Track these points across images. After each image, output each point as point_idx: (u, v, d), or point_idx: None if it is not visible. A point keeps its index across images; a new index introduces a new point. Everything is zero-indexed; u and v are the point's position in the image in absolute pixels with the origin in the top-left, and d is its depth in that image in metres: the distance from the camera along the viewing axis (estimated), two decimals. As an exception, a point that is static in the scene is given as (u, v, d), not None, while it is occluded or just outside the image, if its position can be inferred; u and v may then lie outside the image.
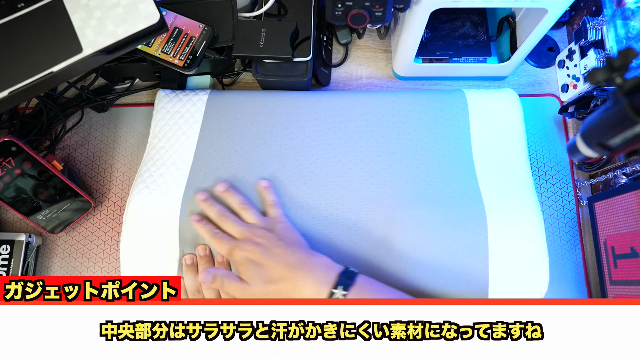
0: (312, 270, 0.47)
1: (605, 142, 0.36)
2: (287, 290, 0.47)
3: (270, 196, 0.53)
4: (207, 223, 0.52)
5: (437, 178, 0.55)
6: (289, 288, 0.47)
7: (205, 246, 0.53)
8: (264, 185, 0.54)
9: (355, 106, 0.60)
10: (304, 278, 0.47)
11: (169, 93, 0.63)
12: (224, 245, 0.50)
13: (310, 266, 0.48)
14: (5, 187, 0.57)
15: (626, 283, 0.53)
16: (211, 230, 0.52)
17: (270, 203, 0.53)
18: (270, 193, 0.54)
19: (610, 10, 0.58)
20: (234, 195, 0.54)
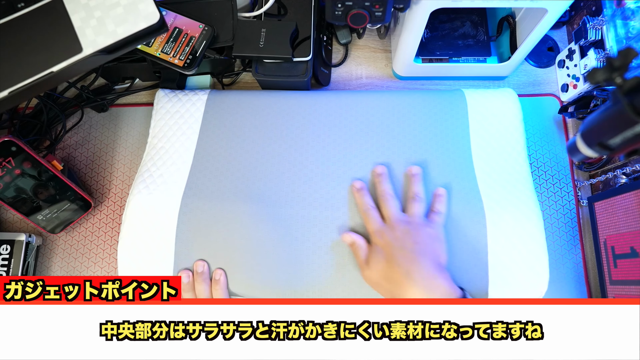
0: (430, 288, 0.46)
1: (606, 141, 0.36)
2: (395, 295, 0.48)
3: (440, 205, 0.52)
4: (366, 194, 0.53)
5: (437, 178, 0.55)
6: (398, 294, 0.47)
7: (204, 263, 0.53)
8: (439, 192, 0.53)
9: (355, 106, 0.60)
10: (419, 295, 0.46)
11: (169, 93, 0.63)
12: (371, 224, 0.51)
13: (430, 283, 0.47)
14: (5, 187, 0.57)
15: (626, 283, 0.53)
16: (366, 204, 0.52)
17: (437, 210, 0.52)
18: (441, 202, 0.53)
19: (610, 10, 0.58)
20: (414, 184, 0.53)
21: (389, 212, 0.51)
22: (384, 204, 0.52)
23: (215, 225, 0.54)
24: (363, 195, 0.53)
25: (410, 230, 0.50)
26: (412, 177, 0.54)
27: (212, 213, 0.54)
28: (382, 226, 0.51)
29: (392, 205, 0.52)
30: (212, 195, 0.55)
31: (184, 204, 0.54)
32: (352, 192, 0.54)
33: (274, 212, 0.54)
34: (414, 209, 0.52)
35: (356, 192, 0.54)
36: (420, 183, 0.54)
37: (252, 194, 0.55)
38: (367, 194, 0.53)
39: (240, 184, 0.56)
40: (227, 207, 0.54)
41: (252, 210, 0.54)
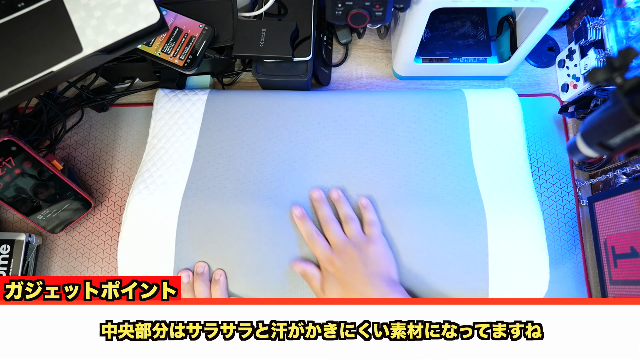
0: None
1: (606, 141, 0.36)
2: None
3: (368, 215, 0.53)
4: (307, 221, 0.53)
5: (437, 178, 0.55)
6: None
7: (205, 264, 0.53)
8: (363, 203, 0.54)
9: (355, 106, 0.60)
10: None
11: (168, 93, 0.62)
12: (318, 251, 0.52)
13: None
14: (5, 186, 0.57)
15: (626, 283, 0.53)
16: (310, 231, 0.53)
17: (367, 221, 0.53)
18: (369, 211, 0.54)
19: (610, 10, 0.58)
20: (344, 205, 0.54)
21: (334, 237, 0.52)
22: (326, 228, 0.53)
23: (216, 226, 0.54)
24: (305, 222, 0.53)
25: (356, 253, 0.51)
26: (336, 202, 0.55)
27: (213, 213, 0.54)
28: (330, 253, 0.52)
29: (335, 229, 0.53)
30: (213, 196, 0.55)
31: (184, 204, 0.54)
32: (294, 219, 0.54)
33: (274, 211, 0.54)
34: (351, 230, 0.53)
35: (298, 219, 0.54)
36: (346, 203, 0.55)
37: (253, 194, 0.55)
38: (308, 220, 0.54)
39: (240, 184, 0.56)
40: (227, 207, 0.54)
41: (252, 211, 0.54)
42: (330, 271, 0.51)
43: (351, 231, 0.53)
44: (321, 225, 0.54)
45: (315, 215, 0.55)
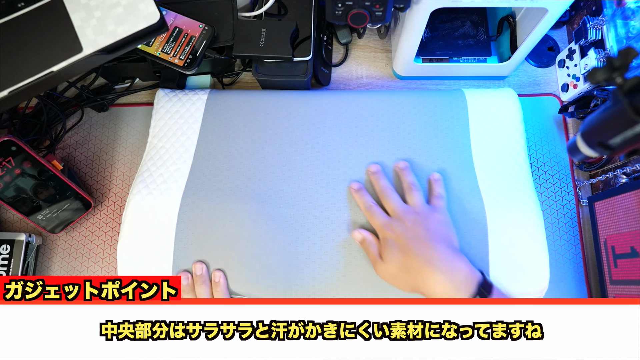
0: (451, 272, 0.46)
1: (606, 141, 0.36)
2: (417, 284, 0.48)
3: (438, 188, 0.53)
4: (365, 194, 0.53)
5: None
6: (420, 282, 0.47)
7: (202, 265, 0.53)
8: (436, 177, 0.54)
9: (355, 106, 0.60)
10: (442, 279, 0.46)
11: (169, 92, 0.63)
12: (376, 220, 0.51)
13: (450, 267, 0.47)
14: (5, 186, 0.57)
15: (626, 283, 0.53)
16: (367, 202, 0.52)
17: (436, 194, 0.53)
18: (440, 186, 0.54)
19: (610, 10, 0.58)
20: (409, 175, 0.54)
21: (393, 206, 0.51)
22: (385, 199, 0.52)
23: (215, 225, 0.54)
24: (363, 195, 0.53)
25: (419, 219, 0.50)
26: (401, 171, 0.55)
27: (212, 212, 0.54)
28: (389, 220, 0.51)
29: (394, 198, 0.52)
30: (212, 195, 0.55)
31: (184, 203, 0.54)
32: (351, 194, 0.54)
33: (274, 211, 0.54)
34: (414, 199, 0.52)
35: (355, 192, 0.54)
36: (412, 173, 0.54)
37: (253, 193, 0.55)
38: (366, 193, 0.54)
39: (240, 184, 0.56)
40: (227, 207, 0.54)
41: (252, 210, 0.54)
42: (390, 237, 0.49)
43: (415, 199, 0.52)
44: (379, 196, 0.53)
45: (373, 188, 0.54)
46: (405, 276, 0.48)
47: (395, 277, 0.49)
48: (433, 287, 0.46)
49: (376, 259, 0.50)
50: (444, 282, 0.46)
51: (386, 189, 0.53)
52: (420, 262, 0.47)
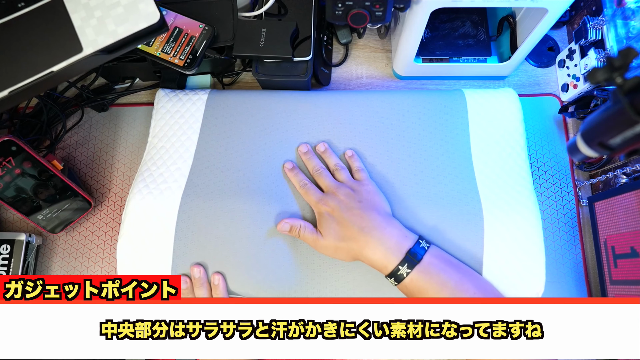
0: (382, 238, 0.49)
1: (606, 141, 0.36)
2: (355, 252, 0.50)
3: (355, 163, 0.56)
4: (299, 172, 0.56)
5: (436, 178, 0.55)
6: (357, 250, 0.50)
7: (200, 268, 0.53)
8: (349, 154, 0.57)
9: (355, 106, 0.60)
10: (374, 245, 0.49)
11: (169, 92, 0.63)
12: (311, 196, 0.54)
13: (382, 234, 0.49)
14: (6, 186, 0.57)
15: (626, 283, 0.53)
16: (302, 180, 0.55)
17: (356, 168, 0.56)
18: (355, 160, 0.57)
19: (610, 10, 0.58)
20: (331, 156, 0.57)
21: (325, 182, 0.54)
22: (319, 177, 0.55)
23: (215, 224, 0.54)
24: (297, 174, 0.56)
25: (351, 192, 0.53)
26: (323, 154, 0.57)
27: (212, 212, 0.54)
28: (323, 195, 0.53)
29: (327, 176, 0.55)
30: (212, 195, 0.55)
31: (183, 202, 0.54)
32: (285, 172, 0.56)
33: (274, 210, 0.54)
34: (343, 176, 0.55)
35: (289, 171, 0.56)
36: (333, 154, 0.57)
37: (253, 192, 0.55)
38: (300, 172, 0.56)
39: (240, 183, 0.56)
40: (227, 206, 0.54)
41: (252, 209, 0.54)
42: (326, 211, 0.52)
43: (342, 177, 0.55)
44: (312, 175, 0.56)
45: (306, 168, 0.57)
46: (344, 246, 0.50)
47: (336, 250, 0.51)
48: (368, 253, 0.49)
49: (314, 236, 0.52)
50: (375, 247, 0.49)
51: (319, 168, 0.56)
52: (355, 231, 0.50)
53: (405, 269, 0.47)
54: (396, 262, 0.48)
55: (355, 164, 0.56)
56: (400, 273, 0.47)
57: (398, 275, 0.48)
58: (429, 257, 0.48)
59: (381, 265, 0.48)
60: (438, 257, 0.49)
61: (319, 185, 0.55)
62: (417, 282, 0.47)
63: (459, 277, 0.48)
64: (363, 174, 0.55)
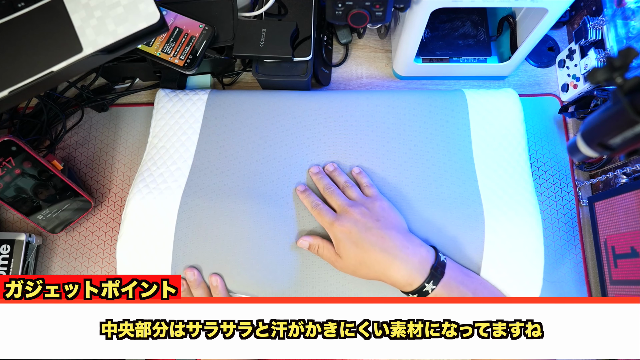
0: (406, 258, 0.48)
1: (606, 141, 0.36)
2: (377, 273, 0.49)
3: (364, 179, 0.55)
4: (310, 194, 0.55)
5: (437, 179, 0.55)
6: (380, 271, 0.48)
7: (193, 270, 0.53)
8: (356, 171, 0.56)
9: (355, 106, 0.60)
10: (398, 266, 0.48)
11: (169, 92, 0.63)
12: (324, 217, 0.52)
13: (405, 253, 0.48)
14: (6, 186, 0.57)
15: (626, 283, 0.53)
16: (314, 201, 0.53)
17: (365, 184, 0.55)
18: (364, 176, 0.55)
19: (610, 10, 0.58)
20: (341, 175, 0.56)
21: (338, 201, 0.53)
22: (330, 196, 0.54)
23: (215, 224, 0.54)
24: (309, 195, 0.54)
25: (365, 210, 0.51)
26: (332, 174, 0.56)
27: (212, 212, 0.54)
28: (337, 216, 0.52)
29: (339, 194, 0.54)
30: (212, 195, 0.55)
31: (183, 202, 0.54)
32: (297, 195, 0.55)
33: (274, 211, 0.54)
34: (353, 193, 0.54)
35: (300, 193, 0.55)
36: (342, 173, 0.56)
37: (253, 193, 0.55)
38: (311, 193, 0.55)
39: (240, 183, 0.56)
40: (227, 206, 0.54)
41: (252, 210, 0.54)
42: (340, 234, 0.50)
43: (353, 194, 0.53)
44: (323, 195, 0.55)
45: (317, 188, 0.56)
46: (364, 269, 0.49)
47: (355, 271, 0.50)
48: (392, 274, 0.48)
49: (332, 257, 0.51)
50: (400, 268, 0.47)
51: (330, 186, 0.54)
52: (377, 253, 0.48)
53: (430, 285, 0.47)
54: (422, 280, 0.47)
55: (364, 180, 0.55)
56: (426, 290, 0.47)
57: (423, 292, 0.47)
58: (449, 271, 0.48)
59: (405, 283, 0.48)
60: (455, 269, 0.49)
61: (331, 205, 0.54)
62: (440, 296, 0.47)
63: (474, 286, 0.49)
64: (373, 190, 0.54)
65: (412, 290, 0.47)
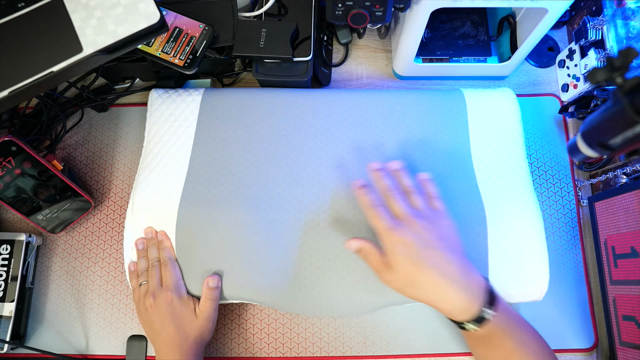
0: (467, 286, 0.45)
1: (606, 141, 0.36)
2: (429, 299, 0.45)
3: (432, 189, 0.50)
4: (371, 191, 0.49)
5: (437, 179, 0.55)
6: (434, 297, 0.45)
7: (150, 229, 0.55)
8: (424, 177, 0.51)
9: (354, 105, 0.60)
10: (456, 293, 0.44)
11: (162, 94, 0.62)
12: (381, 221, 0.46)
13: (466, 280, 0.45)
14: (6, 186, 0.57)
15: (626, 283, 0.53)
16: (373, 201, 0.48)
17: (434, 195, 0.50)
18: (432, 186, 0.51)
19: (610, 10, 0.58)
20: (406, 177, 0.51)
21: (400, 208, 0.47)
22: (393, 200, 0.48)
23: (212, 233, 0.54)
24: (368, 192, 0.49)
25: (430, 226, 0.46)
26: (397, 172, 0.51)
27: (209, 219, 0.54)
28: (397, 224, 0.46)
29: (403, 200, 0.48)
30: (209, 202, 0.55)
31: (180, 214, 0.54)
32: (355, 190, 0.51)
33: (270, 216, 0.54)
34: (419, 202, 0.49)
35: (358, 189, 0.50)
36: (408, 175, 0.51)
37: (249, 198, 0.55)
38: (373, 190, 0.50)
39: (235, 189, 0.55)
40: (223, 213, 0.54)
41: (249, 215, 0.54)
42: (398, 245, 0.45)
43: (419, 204, 0.48)
44: (384, 195, 0.49)
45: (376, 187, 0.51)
46: (415, 289, 0.45)
47: (403, 288, 0.46)
48: (448, 301, 0.45)
49: (381, 267, 0.46)
50: (459, 295, 0.44)
51: (393, 189, 0.49)
52: (435, 276, 0.44)
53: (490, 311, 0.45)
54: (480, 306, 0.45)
55: (432, 191, 0.50)
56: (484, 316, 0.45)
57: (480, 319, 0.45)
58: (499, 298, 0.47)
59: (461, 310, 0.45)
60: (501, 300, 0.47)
61: (392, 209, 0.48)
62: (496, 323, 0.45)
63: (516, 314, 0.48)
64: (441, 204, 0.49)
65: (469, 317, 0.45)
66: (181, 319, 0.51)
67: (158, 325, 0.51)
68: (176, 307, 0.52)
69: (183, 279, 0.54)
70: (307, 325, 0.60)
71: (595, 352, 0.59)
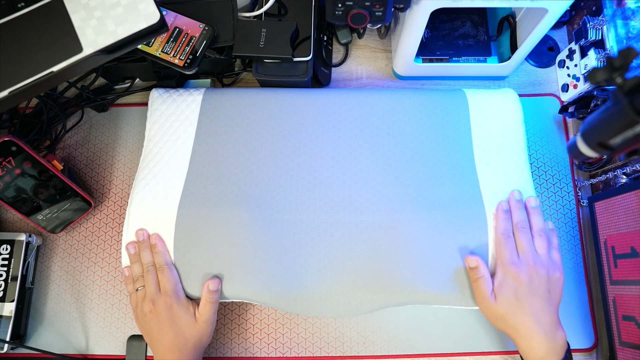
0: (553, 339, 0.49)
1: (606, 141, 0.36)
2: (513, 336, 0.50)
3: (556, 239, 0.54)
4: (508, 219, 0.53)
5: (439, 180, 0.55)
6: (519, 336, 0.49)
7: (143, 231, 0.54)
8: (551, 226, 0.55)
9: (355, 105, 0.60)
10: (541, 342, 0.48)
11: (163, 93, 0.62)
12: (507, 253, 0.51)
13: (554, 334, 0.49)
14: (6, 186, 0.57)
15: (626, 283, 0.53)
16: (508, 230, 0.52)
17: (556, 246, 0.54)
18: (556, 236, 0.54)
19: (610, 10, 0.58)
20: (539, 218, 0.54)
21: (525, 246, 0.51)
22: (521, 235, 0.52)
23: (212, 232, 0.54)
24: (506, 219, 0.53)
25: (546, 276, 0.50)
26: (532, 210, 0.54)
27: (209, 221, 0.54)
28: (518, 261, 0.50)
29: (529, 238, 0.52)
30: (209, 202, 0.55)
31: (180, 214, 0.54)
32: (496, 212, 0.53)
33: (271, 216, 0.54)
34: (542, 248, 0.52)
35: (501, 212, 0.53)
36: (541, 216, 0.54)
37: (249, 199, 0.55)
38: (510, 219, 0.53)
39: (236, 189, 0.55)
40: (224, 212, 0.54)
41: (249, 215, 0.54)
42: (512, 280, 0.50)
43: (542, 249, 0.52)
44: (515, 229, 0.53)
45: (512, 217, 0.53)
46: (506, 324, 0.50)
47: (496, 319, 0.50)
48: (531, 345, 0.49)
49: (487, 294, 0.50)
50: (545, 345, 0.48)
51: (526, 227, 0.53)
52: (530, 320, 0.49)
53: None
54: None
55: (555, 241, 0.54)
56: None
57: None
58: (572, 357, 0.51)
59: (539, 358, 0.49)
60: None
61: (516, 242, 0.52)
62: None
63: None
64: (559, 256, 0.53)
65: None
66: (180, 324, 0.51)
67: (157, 331, 0.51)
68: (175, 312, 0.52)
69: (181, 281, 0.54)
70: (307, 325, 0.60)
71: (595, 352, 0.59)
